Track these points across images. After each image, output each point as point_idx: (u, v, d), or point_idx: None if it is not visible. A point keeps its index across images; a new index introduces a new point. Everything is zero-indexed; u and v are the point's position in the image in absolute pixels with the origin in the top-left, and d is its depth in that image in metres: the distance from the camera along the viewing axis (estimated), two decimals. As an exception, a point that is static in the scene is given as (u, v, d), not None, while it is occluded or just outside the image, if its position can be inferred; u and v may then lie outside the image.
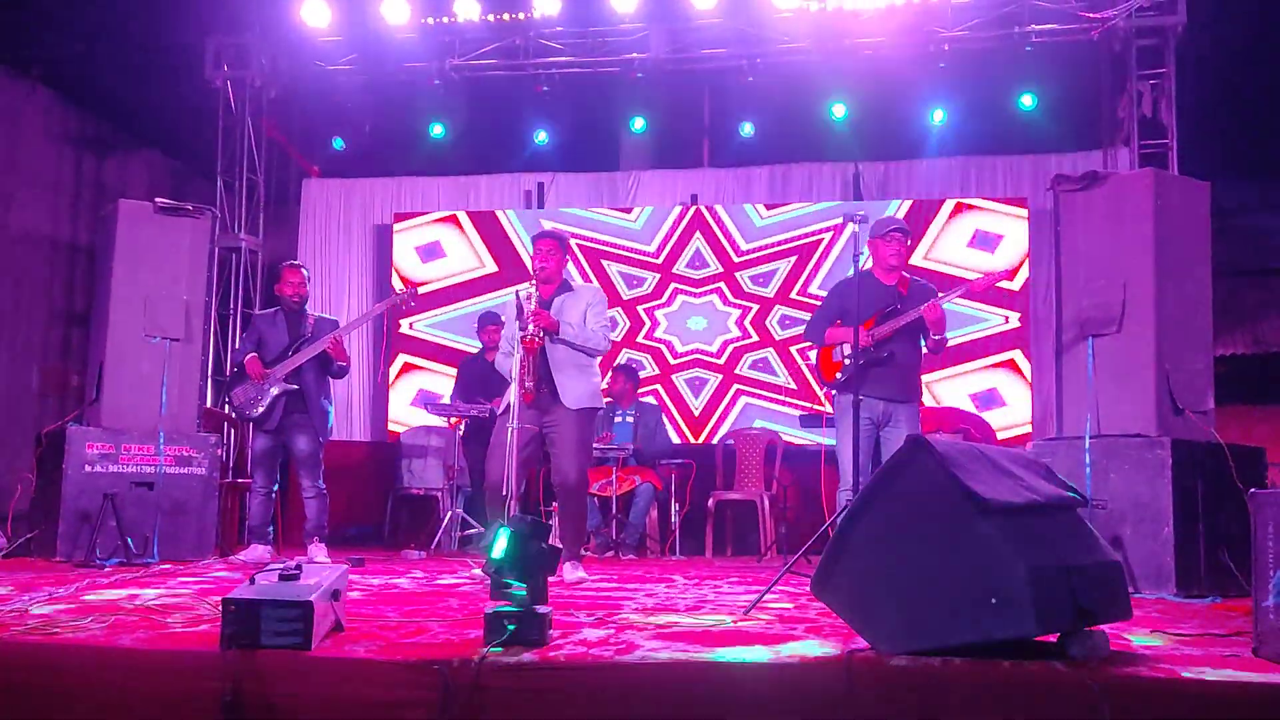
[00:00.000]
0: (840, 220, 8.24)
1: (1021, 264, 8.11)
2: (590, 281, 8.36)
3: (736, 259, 8.66)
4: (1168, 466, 4.61)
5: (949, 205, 8.41)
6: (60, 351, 8.54)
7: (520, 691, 2.55)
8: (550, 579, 2.91)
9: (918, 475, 2.69)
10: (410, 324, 8.95)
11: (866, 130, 8.63)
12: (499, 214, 9.02)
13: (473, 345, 8.04)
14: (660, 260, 8.78)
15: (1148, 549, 4.56)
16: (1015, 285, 8.05)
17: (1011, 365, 8.17)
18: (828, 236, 8.51)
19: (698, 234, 8.74)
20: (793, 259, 8.56)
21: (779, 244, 8.60)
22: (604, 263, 8.78)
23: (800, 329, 8.12)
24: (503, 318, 5.49)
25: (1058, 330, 5.29)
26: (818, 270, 8.50)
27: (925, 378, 6.42)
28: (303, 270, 6.39)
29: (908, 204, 8.44)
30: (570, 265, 5.26)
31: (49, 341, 8.44)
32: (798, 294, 8.51)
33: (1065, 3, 7.50)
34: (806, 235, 8.56)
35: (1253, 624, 2.73)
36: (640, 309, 8.75)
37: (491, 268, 8.92)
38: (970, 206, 8.38)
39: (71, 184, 8.73)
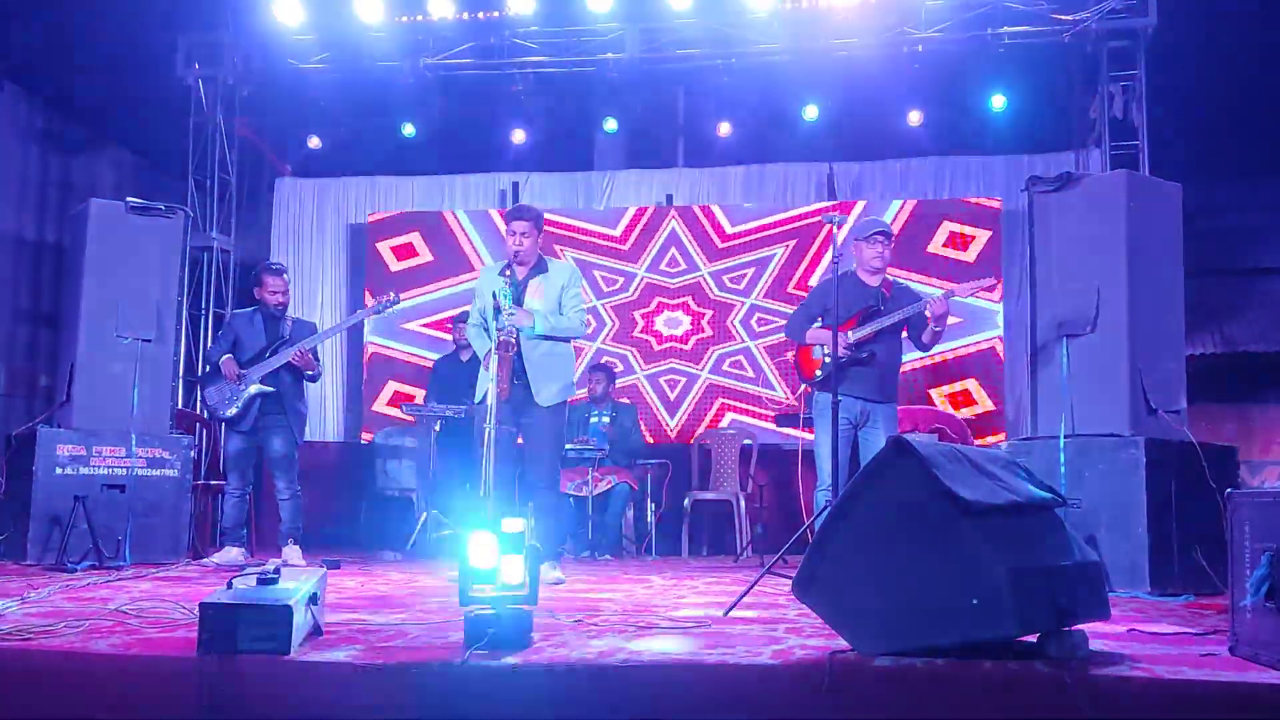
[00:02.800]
0: (817, 221, 8.30)
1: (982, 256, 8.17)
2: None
3: (712, 259, 8.66)
4: (1141, 466, 4.65)
5: (922, 205, 8.45)
6: (28, 352, 8.42)
7: (503, 695, 2.54)
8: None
9: (899, 477, 2.70)
10: (385, 323, 8.88)
11: (840, 131, 8.65)
12: (472, 213, 8.97)
13: (447, 344, 8.00)
14: (636, 260, 8.77)
15: (1122, 548, 4.60)
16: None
17: (985, 365, 8.21)
18: (805, 236, 8.53)
19: (674, 234, 8.74)
20: (770, 259, 8.57)
21: (755, 244, 8.61)
22: (580, 262, 8.75)
23: (777, 329, 8.17)
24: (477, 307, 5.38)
25: (1032, 330, 5.31)
26: (795, 270, 8.52)
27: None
28: (285, 276, 6.32)
29: (882, 203, 8.48)
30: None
31: (16, 341, 8.32)
32: (774, 294, 8.52)
33: (1038, 5, 7.56)
34: (782, 235, 8.58)
35: (1229, 623, 2.76)
36: (616, 309, 8.74)
37: (466, 267, 8.88)
38: (943, 206, 8.43)
39: (39, 181, 8.62)
